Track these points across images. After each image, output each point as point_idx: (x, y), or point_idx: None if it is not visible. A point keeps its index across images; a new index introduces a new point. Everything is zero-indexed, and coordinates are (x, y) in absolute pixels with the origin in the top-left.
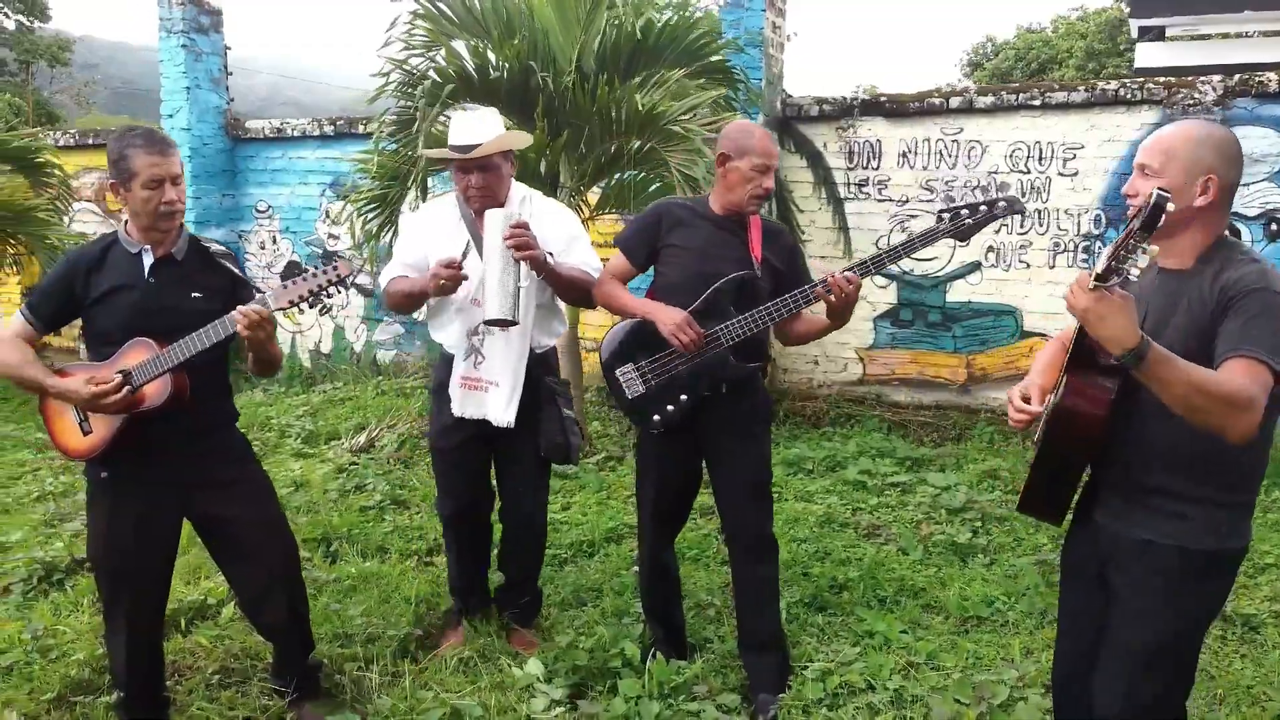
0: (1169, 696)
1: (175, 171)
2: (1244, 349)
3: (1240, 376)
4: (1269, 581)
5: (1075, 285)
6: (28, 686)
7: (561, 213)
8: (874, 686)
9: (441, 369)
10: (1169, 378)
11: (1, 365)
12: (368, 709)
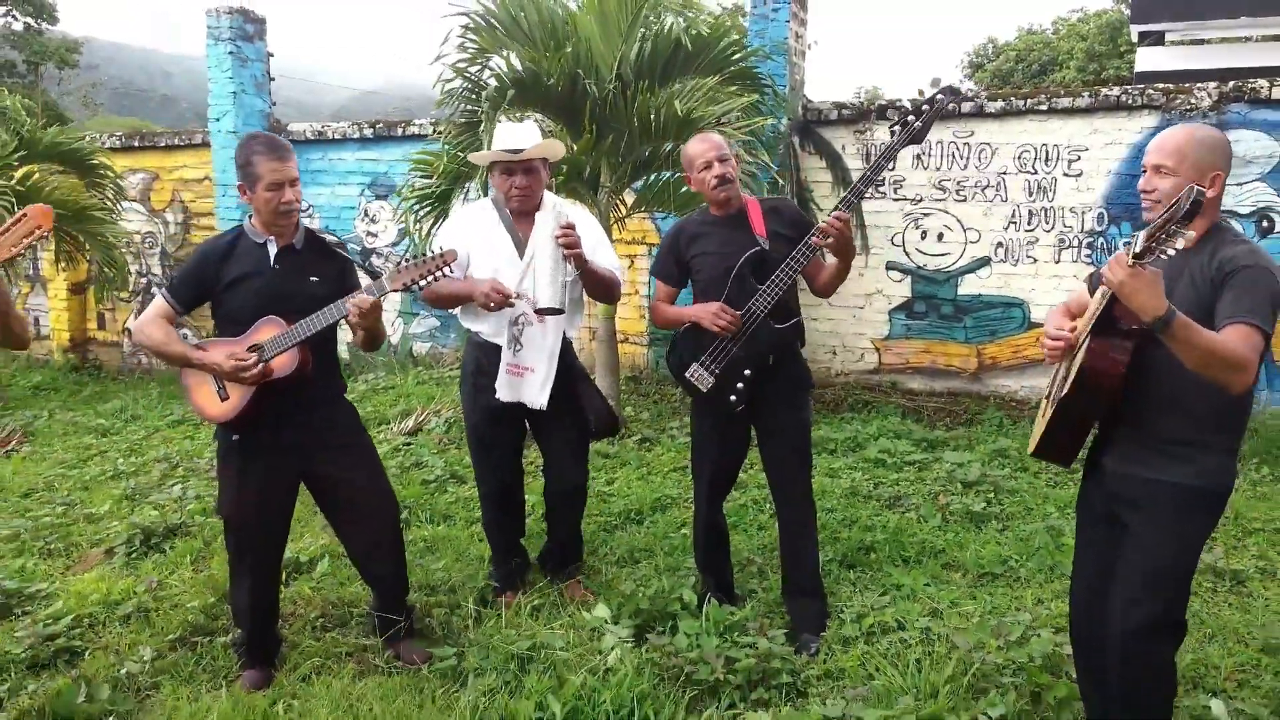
0: (1173, 608)
1: (293, 175)
2: (1240, 317)
3: (1238, 340)
4: (1255, 543)
5: (1114, 262)
6: (149, 630)
7: (589, 219)
8: (904, 626)
9: (477, 356)
10: (1191, 340)
11: (150, 341)
12: (461, 644)
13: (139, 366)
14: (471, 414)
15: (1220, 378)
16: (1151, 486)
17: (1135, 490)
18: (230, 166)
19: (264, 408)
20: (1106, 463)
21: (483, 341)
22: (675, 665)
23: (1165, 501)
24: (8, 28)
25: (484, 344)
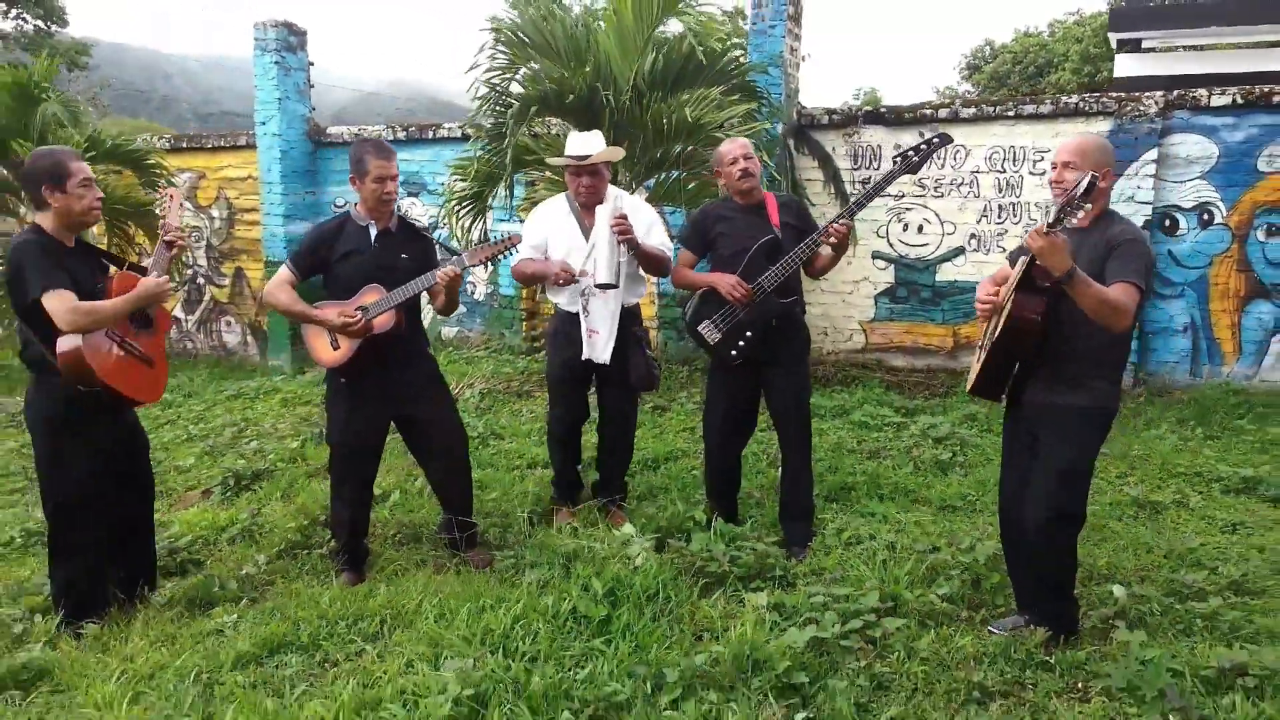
0: (1074, 501)
1: (394, 172)
2: (1123, 276)
3: (1121, 293)
4: (1175, 483)
5: (1033, 232)
6: (255, 547)
7: (644, 206)
8: (875, 538)
9: (558, 321)
10: (1088, 291)
11: (277, 303)
12: (517, 553)
13: (184, 351)
14: (553, 364)
15: (1108, 321)
16: (1058, 410)
17: (1046, 414)
18: (275, 166)
19: (366, 357)
20: (1025, 396)
21: (561, 311)
22: (690, 562)
23: (1068, 420)
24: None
25: (562, 313)
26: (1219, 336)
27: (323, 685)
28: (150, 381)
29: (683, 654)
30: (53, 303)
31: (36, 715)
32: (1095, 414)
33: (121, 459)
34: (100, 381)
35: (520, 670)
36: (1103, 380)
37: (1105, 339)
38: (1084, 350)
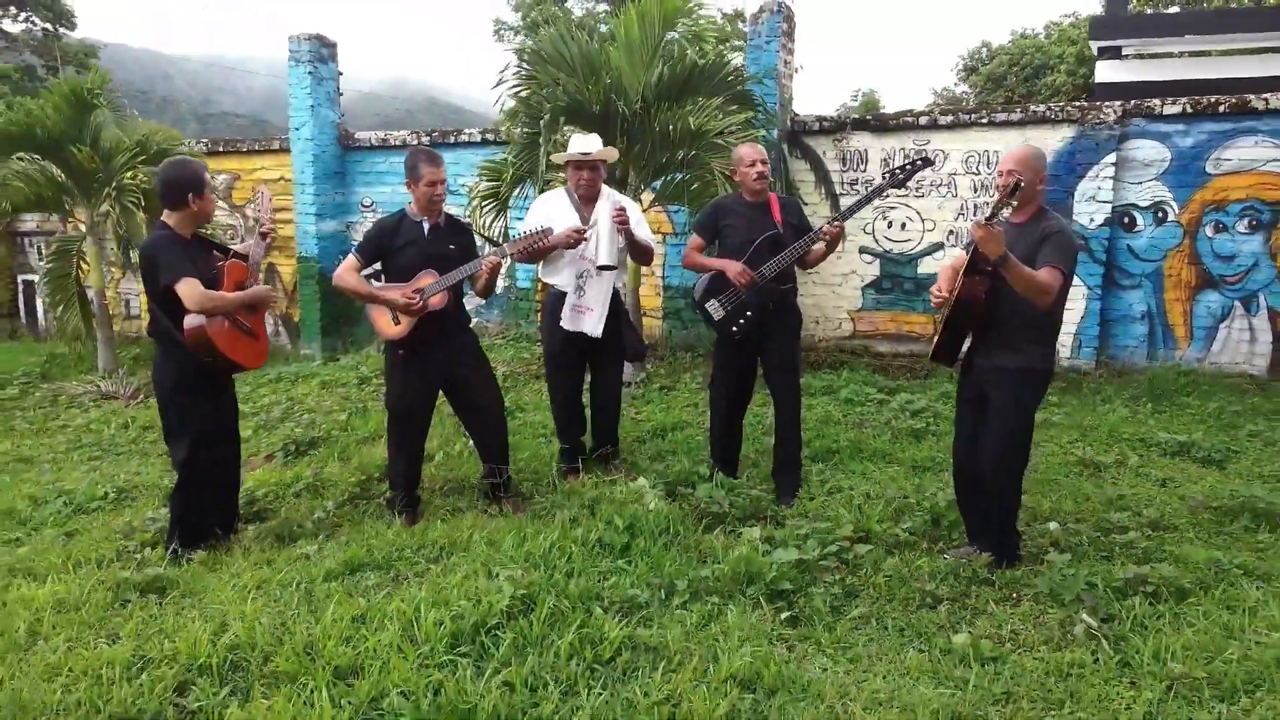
0: (1020, 448)
1: (443, 178)
2: (1049, 262)
3: (1047, 275)
4: (1119, 447)
5: (974, 224)
6: (319, 499)
7: (634, 205)
8: (853, 489)
9: (554, 302)
10: (1018, 273)
11: (347, 285)
12: (546, 498)
13: None
14: (550, 341)
15: (1035, 298)
16: (1002, 371)
17: (993, 375)
18: (308, 168)
19: (421, 331)
20: (976, 360)
21: (557, 291)
22: (695, 506)
23: (1010, 380)
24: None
25: (555, 292)
26: (1173, 323)
27: (400, 592)
28: (256, 352)
29: (690, 570)
30: (184, 289)
31: (175, 609)
32: (1033, 374)
33: (226, 420)
34: (219, 352)
35: (560, 578)
36: (1038, 346)
37: (1039, 312)
38: (1021, 322)
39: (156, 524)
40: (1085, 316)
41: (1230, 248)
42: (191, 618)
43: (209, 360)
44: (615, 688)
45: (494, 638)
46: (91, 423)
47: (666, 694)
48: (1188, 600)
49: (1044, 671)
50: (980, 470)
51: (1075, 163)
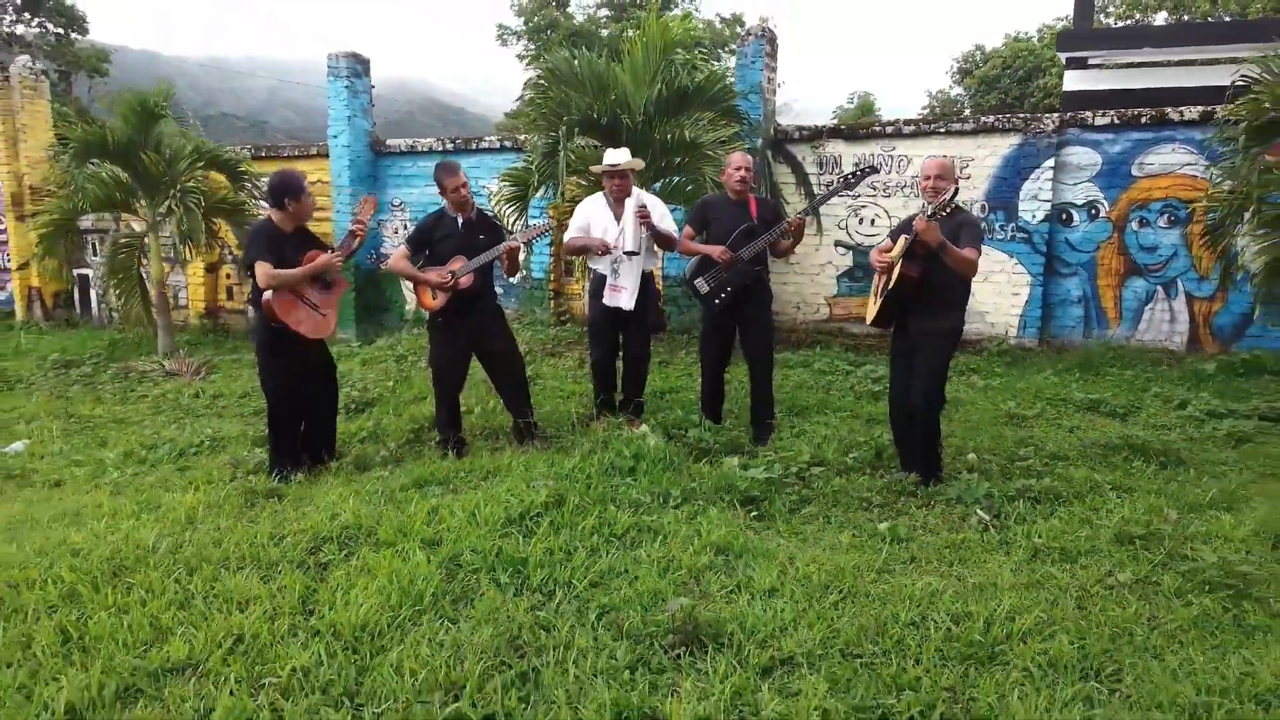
0: (940, 390)
1: (463, 180)
2: (970, 244)
3: (969, 254)
4: (1040, 405)
5: (919, 220)
6: (381, 444)
7: (660, 203)
8: (815, 433)
9: (596, 283)
10: (953, 254)
11: (399, 269)
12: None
13: None
14: (593, 311)
15: (964, 271)
16: (927, 332)
17: (920, 335)
18: (345, 172)
19: (454, 304)
20: (909, 323)
21: (599, 274)
22: (686, 443)
23: (933, 337)
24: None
25: (598, 275)
26: (1105, 306)
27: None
28: (319, 324)
29: (682, 483)
30: (258, 269)
31: (294, 506)
32: (951, 333)
33: (314, 376)
34: (279, 320)
35: (582, 486)
36: (953, 311)
37: (957, 285)
38: (942, 294)
39: (255, 458)
40: (1029, 301)
41: (1153, 240)
42: (308, 510)
43: (275, 325)
44: (625, 551)
45: (535, 521)
46: (166, 393)
47: (661, 555)
48: (1063, 504)
49: (942, 546)
50: (912, 408)
51: (1020, 166)
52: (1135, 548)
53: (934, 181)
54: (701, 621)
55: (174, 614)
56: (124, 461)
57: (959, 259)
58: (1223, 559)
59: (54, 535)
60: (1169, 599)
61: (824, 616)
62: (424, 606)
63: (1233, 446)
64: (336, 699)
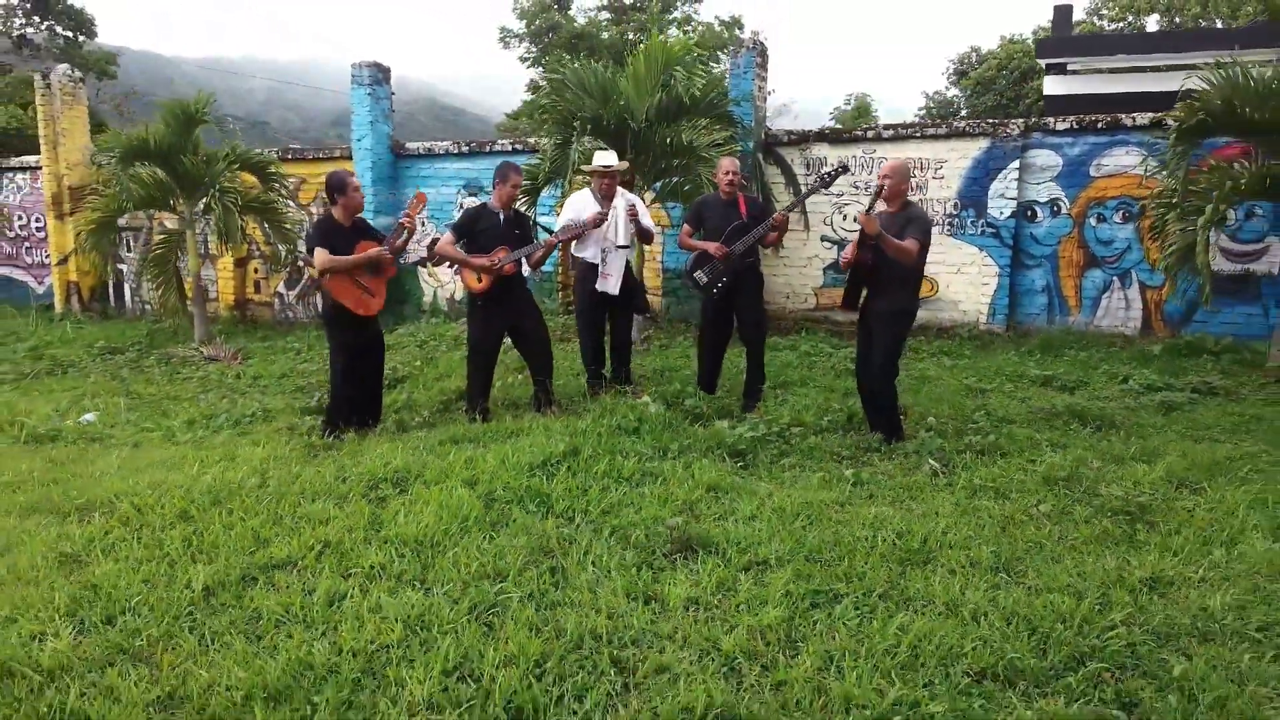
0: (895, 362)
1: (518, 181)
2: (910, 235)
3: (910, 245)
4: (999, 379)
5: (861, 215)
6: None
7: (639, 201)
8: (797, 403)
9: (584, 270)
10: (888, 243)
11: (446, 253)
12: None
13: (286, 320)
14: (581, 299)
15: (902, 259)
16: (882, 312)
17: (876, 315)
18: (367, 173)
19: (496, 287)
20: (867, 304)
21: (585, 262)
22: (684, 410)
23: (885, 317)
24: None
25: (585, 263)
26: (1066, 294)
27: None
28: (366, 304)
29: (679, 440)
30: (316, 256)
31: (347, 456)
32: (904, 313)
33: (368, 350)
34: (334, 298)
35: (594, 441)
36: (907, 292)
37: (906, 270)
38: (894, 278)
39: (307, 423)
40: (998, 290)
41: (1109, 234)
42: (363, 459)
43: (335, 303)
44: (631, 489)
45: (555, 466)
46: (209, 375)
47: (661, 492)
48: (1004, 456)
49: (897, 487)
50: (870, 378)
51: (988, 167)
52: (1058, 488)
53: (883, 180)
54: (693, 535)
55: (270, 528)
56: (189, 428)
57: (895, 248)
58: (1127, 493)
59: (156, 476)
60: (1078, 523)
61: (793, 534)
62: (469, 526)
63: (1163, 414)
64: (409, 583)
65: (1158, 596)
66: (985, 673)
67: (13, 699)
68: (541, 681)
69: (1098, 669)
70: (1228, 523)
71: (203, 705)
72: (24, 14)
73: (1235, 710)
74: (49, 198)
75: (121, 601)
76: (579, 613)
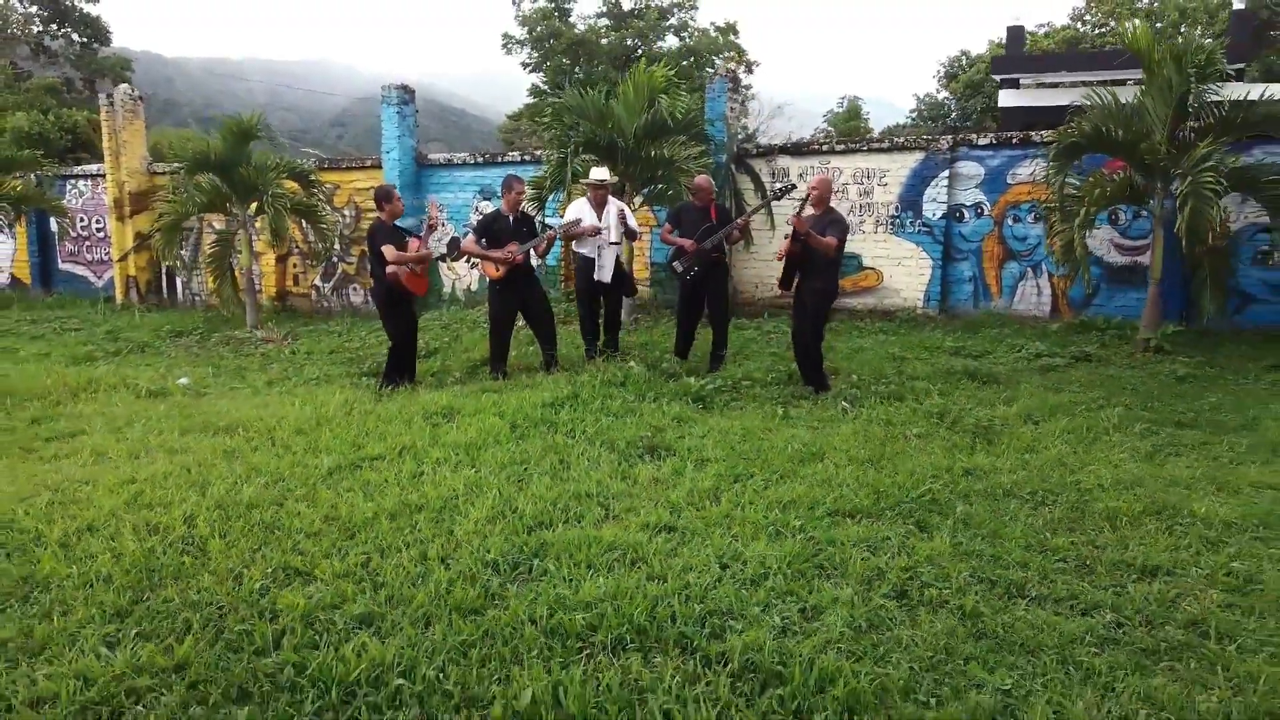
0: (819, 328)
1: (521, 190)
2: (831, 234)
3: (830, 241)
4: (929, 354)
5: (793, 217)
6: (447, 375)
7: (627, 207)
8: (750, 366)
9: (583, 262)
10: (814, 240)
11: (473, 250)
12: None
13: (322, 309)
14: (580, 285)
15: (824, 252)
16: (810, 291)
17: (805, 293)
18: (395, 181)
19: (509, 273)
20: (799, 285)
21: (583, 256)
22: (662, 370)
23: (811, 294)
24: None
25: (584, 257)
26: (989, 283)
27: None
28: (420, 286)
29: (655, 389)
30: (386, 251)
31: (404, 397)
32: (826, 291)
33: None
34: (401, 284)
35: (590, 389)
36: (827, 277)
37: (827, 261)
38: (819, 266)
39: (366, 382)
40: (931, 280)
41: (1023, 232)
42: (417, 401)
43: (394, 285)
44: (617, 419)
45: (560, 405)
46: (268, 352)
47: (638, 421)
48: (901, 400)
49: (814, 419)
50: (799, 340)
51: (924, 176)
52: (933, 419)
53: (812, 190)
54: (658, 444)
55: (362, 438)
56: (269, 386)
57: (818, 243)
58: (979, 421)
59: (265, 412)
60: (937, 439)
61: (729, 444)
62: (501, 439)
63: (1040, 374)
64: (464, 466)
65: (970, 477)
66: (836, 511)
67: (244, 522)
68: (554, 510)
69: (909, 507)
70: (1042, 440)
71: (349, 521)
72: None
73: (988, 529)
74: (111, 202)
75: (274, 475)
76: (577, 483)
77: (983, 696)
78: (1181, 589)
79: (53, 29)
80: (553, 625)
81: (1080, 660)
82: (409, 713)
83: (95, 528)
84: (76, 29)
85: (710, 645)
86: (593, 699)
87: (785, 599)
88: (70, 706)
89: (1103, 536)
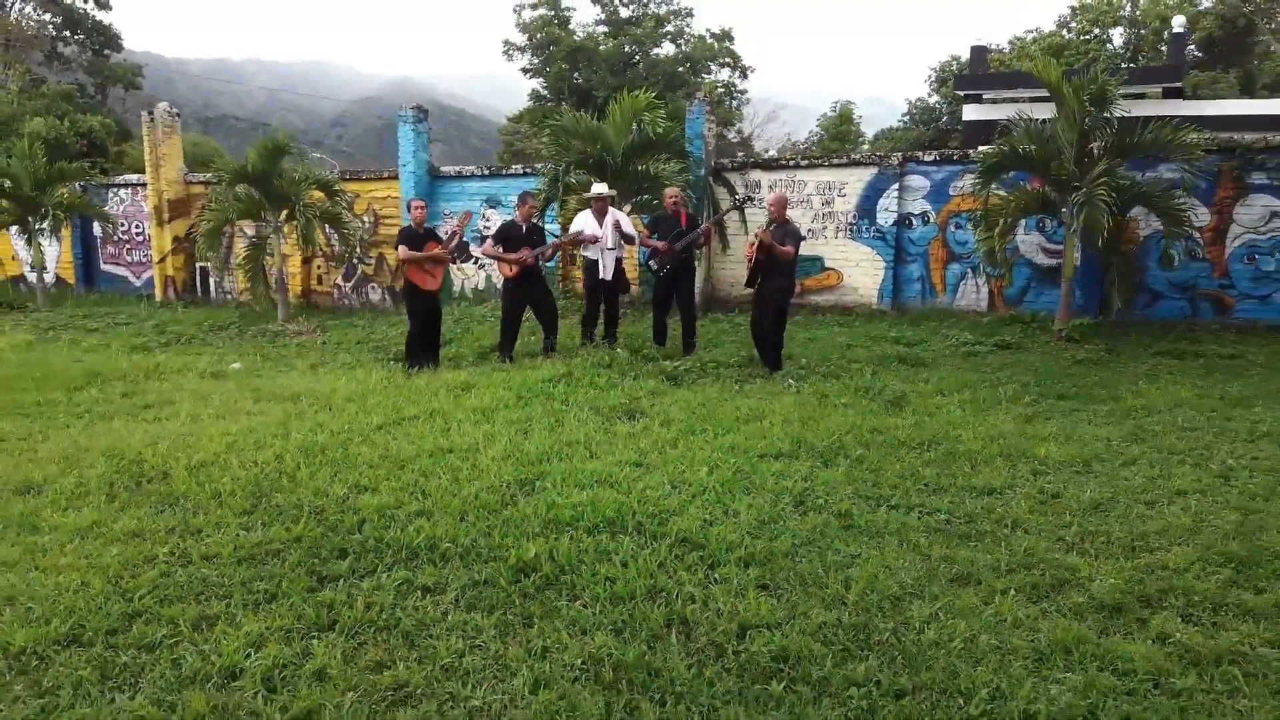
0: (781, 319)
1: (533, 204)
2: (787, 243)
3: (789, 249)
4: (867, 340)
5: (759, 230)
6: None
7: (624, 215)
8: (719, 351)
9: (589, 266)
10: (775, 251)
11: (489, 253)
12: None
13: (344, 306)
14: (588, 282)
15: (780, 260)
16: (771, 288)
17: (766, 290)
18: (411, 191)
19: (522, 272)
20: (761, 284)
21: (589, 260)
22: (644, 354)
23: (773, 291)
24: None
25: (589, 260)
26: (935, 282)
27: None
28: (429, 281)
29: (636, 369)
30: (400, 250)
31: (430, 376)
32: (782, 289)
33: (432, 315)
34: (412, 280)
35: (582, 369)
36: (785, 278)
37: (785, 265)
38: (778, 269)
39: (394, 365)
40: (885, 280)
41: (964, 237)
42: (439, 378)
43: (409, 280)
44: (604, 390)
45: (557, 381)
46: (301, 344)
47: (619, 393)
48: (838, 379)
49: (763, 393)
50: (762, 330)
51: (878, 188)
52: (862, 394)
53: (770, 208)
54: (635, 409)
55: (399, 404)
56: (312, 370)
57: (779, 252)
58: (896, 393)
59: (315, 387)
60: (859, 406)
61: (691, 410)
62: (509, 404)
63: (963, 358)
64: (481, 423)
65: (875, 433)
66: (764, 454)
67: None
68: (551, 451)
69: (820, 451)
70: (943, 408)
71: (399, 457)
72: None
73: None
74: (151, 209)
75: (337, 428)
76: (569, 434)
77: (836, 557)
78: (1004, 502)
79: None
80: (549, 518)
81: (912, 540)
82: (454, 564)
83: (208, 463)
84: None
85: (657, 528)
86: (575, 555)
87: (714, 506)
88: (231, 560)
89: (961, 470)
